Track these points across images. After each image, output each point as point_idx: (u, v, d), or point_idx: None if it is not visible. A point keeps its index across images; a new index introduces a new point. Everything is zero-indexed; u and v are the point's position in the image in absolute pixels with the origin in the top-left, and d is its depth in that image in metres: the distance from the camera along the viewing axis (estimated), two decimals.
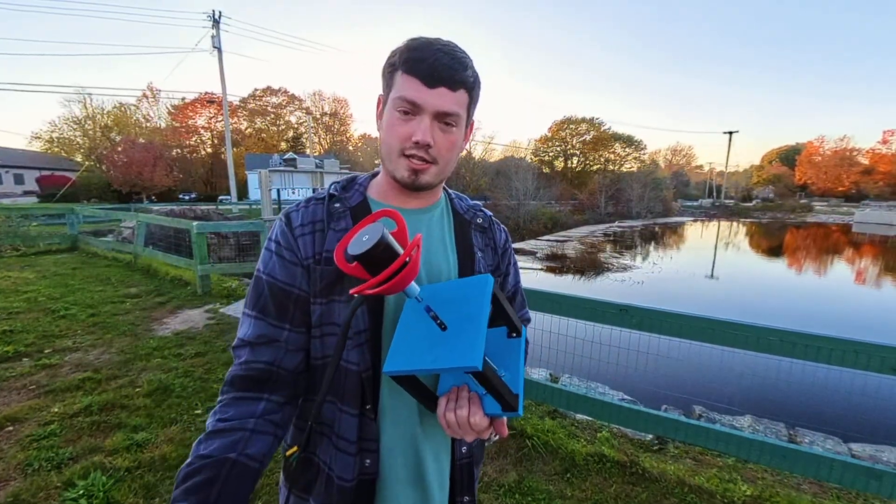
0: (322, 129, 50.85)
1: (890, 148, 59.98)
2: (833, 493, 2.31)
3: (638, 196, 36.75)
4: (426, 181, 0.76)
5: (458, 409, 0.67)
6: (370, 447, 0.76)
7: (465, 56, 0.73)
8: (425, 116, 0.71)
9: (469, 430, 0.67)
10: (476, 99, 0.78)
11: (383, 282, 0.61)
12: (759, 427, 3.02)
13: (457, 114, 0.72)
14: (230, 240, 9.97)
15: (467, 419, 0.67)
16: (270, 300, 0.76)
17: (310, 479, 0.80)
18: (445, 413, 0.68)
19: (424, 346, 0.63)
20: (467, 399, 0.68)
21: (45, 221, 12.63)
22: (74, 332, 4.41)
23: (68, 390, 3.16)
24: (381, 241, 0.60)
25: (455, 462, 0.83)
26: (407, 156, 0.73)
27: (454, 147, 0.76)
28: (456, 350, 0.60)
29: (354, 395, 0.75)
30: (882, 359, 1.79)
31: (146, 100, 41.57)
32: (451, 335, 0.62)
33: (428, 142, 0.71)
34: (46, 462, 2.35)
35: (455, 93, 0.71)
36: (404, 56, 0.70)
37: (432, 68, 0.69)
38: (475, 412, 0.67)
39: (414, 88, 0.70)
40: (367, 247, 0.59)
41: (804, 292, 10.79)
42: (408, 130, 0.71)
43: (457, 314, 0.65)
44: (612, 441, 2.68)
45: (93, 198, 29.02)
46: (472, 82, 0.74)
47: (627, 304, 2.26)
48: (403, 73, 0.71)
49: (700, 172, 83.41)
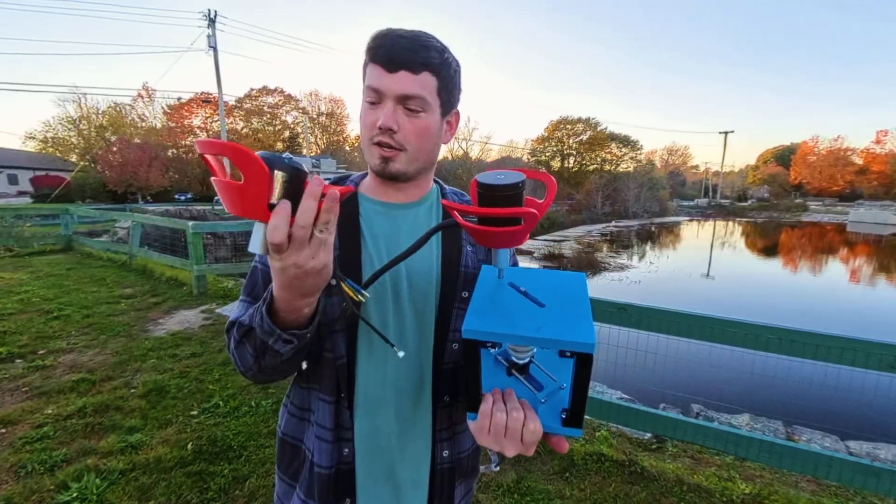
0: (318, 129, 50.67)
1: (883, 148, 60.44)
2: (831, 491, 2.31)
3: (634, 196, 36.87)
4: (397, 168, 0.75)
5: (513, 410, 0.58)
6: (346, 436, 0.76)
7: (429, 39, 0.71)
8: (388, 101, 0.70)
9: (517, 439, 0.57)
10: (450, 83, 0.75)
11: (506, 221, 0.55)
12: (757, 425, 3.03)
13: (420, 97, 0.70)
14: (226, 240, 9.91)
15: (522, 425, 0.57)
16: (263, 286, 0.77)
17: (297, 467, 0.81)
18: (495, 412, 0.58)
19: (518, 315, 0.55)
20: (519, 403, 0.59)
21: (39, 222, 12.53)
22: (69, 333, 4.37)
23: (62, 392, 3.13)
24: (524, 181, 0.55)
25: (434, 466, 0.81)
26: (376, 143, 0.73)
27: (425, 133, 0.74)
28: (567, 324, 0.52)
29: (330, 382, 0.76)
30: (880, 356, 1.79)
31: (141, 100, 41.35)
32: (553, 312, 0.55)
33: (390, 126, 0.70)
34: (39, 465, 2.32)
35: (417, 75, 0.70)
36: (369, 46, 0.71)
37: (391, 52, 0.68)
38: (533, 418, 0.58)
39: (377, 75, 0.70)
40: (504, 181, 0.54)
41: (800, 291, 10.84)
42: (373, 118, 0.71)
43: (553, 298, 0.58)
44: (610, 440, 2.67)
45: (88, 198, 28.81)
46: (439, 64, 0.71)
47: (626, 303, 2.26)
48: (369, 62, 0.71)
49: (696, 172, 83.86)
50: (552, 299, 0.58)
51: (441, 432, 0.81)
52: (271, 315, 0.61)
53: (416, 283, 0.78)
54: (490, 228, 0.56)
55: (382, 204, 0.81)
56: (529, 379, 0.63)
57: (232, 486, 2.24)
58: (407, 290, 0.78)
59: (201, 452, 2.49)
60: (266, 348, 0.64)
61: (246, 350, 0.68)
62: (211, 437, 2.63)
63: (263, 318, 0.61)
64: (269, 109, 48.47)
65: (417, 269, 0.79)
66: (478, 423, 0.60)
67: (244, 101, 47.74)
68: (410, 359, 0.78)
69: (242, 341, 0.68)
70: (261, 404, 3.03)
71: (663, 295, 9.76)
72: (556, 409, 0.60)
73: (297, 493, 0.80)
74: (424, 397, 0.79)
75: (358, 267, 0.76)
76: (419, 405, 0.79)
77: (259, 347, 0.65)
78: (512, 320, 0.54)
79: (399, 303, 0.77)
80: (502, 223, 0.56)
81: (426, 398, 0.80)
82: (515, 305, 0.57)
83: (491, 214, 0.55)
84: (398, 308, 0.77)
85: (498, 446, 0.59)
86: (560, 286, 0.62)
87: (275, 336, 0.62)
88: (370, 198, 0.82)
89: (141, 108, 41.79)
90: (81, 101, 36.53)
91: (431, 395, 0.80)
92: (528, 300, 0.58)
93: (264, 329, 0.61)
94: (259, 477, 2.31)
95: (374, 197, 0.82)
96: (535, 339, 0.52)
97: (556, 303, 0.57)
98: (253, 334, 0.65)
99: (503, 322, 0.54)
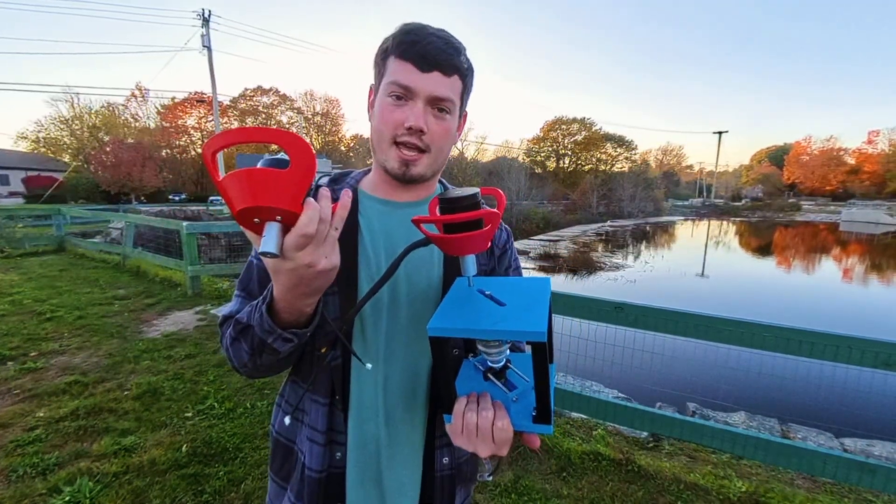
0: (314, 130, 50.52)
1: (875, 148, 61.12)
2: (826, 488, 2.33)
3: (629, 196, 37.07)
4: (418, 173, 0.74)
5: (483, 410, 0.59)
6: (339, 440, 0.75)
7: (459, 42, 0.72)
8: (419, 101, 0.69)
9: (489, 438, 0.59)
10: (470, 87, 0.76)
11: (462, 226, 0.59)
12: (753, 423, 3.04)
13: (451, 100, 0.71)
14: (221, 241, 9.86)
15: (491, 424, 0.58)
16: (257, 282, 0.77)
17: (288, 469, 0.80)
18: (465, 412, 0.60)
19: (481, 314, 0.59)
20: (491, 404, 0.61)
21: (31, 223, 12.38)
22: (61, 334, 4.32)
23: (54, 394, 3.09)
24: (478, 193, 0.60)
25: (435, 474, 0.79)
26: (398, 143, 0.71)
27: (448, 135, 0.74)
28: (520, 317, 0.56)
29: (324, 384, 0.75)
30: (874, 354, 1.80)
31: (135, 99, 41.07)
32: (511, 309, 0.59)
33: (421, 127, 0.69)
34: (31, 468, 2.29)
35: (449, 78, 0.70)
36: (398, 40, 0.69)
37: (426, 52, 0.67)
38: (502, 417, 0.59)
39: (407, 72, 0.68)
40: (465, 194, 0.58)
41: (794, 290, 10.92)
42: (400, 116, 0.69)
43: (514, 299, 0.62)
44: (607, 439, 2.68)
45: (80, 199, 28.57)
46: (466, 69, 0.72)
47: (623, 302, 2.26)
48: (396, 57, 0.69)
49: (690, 172, 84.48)
50: (514, 300, 0.61)
51: (441, 439, 0.80)
52: (271, 314, 0.61)
53: (416, 287, 0.77)
54: (455, 236, 0.60)
55: (383, 202, 0.80)
56: (505, 382, 0.67)
57: (227, 488, 2.23)
58: (406, 294, 0.77)
59: (196, 454, 2.47)
60: (264, 346, 0.63)
61: (241, 347, 0.67)
62: (206, 438, 2.61)
63: (263, 317, 0.60)
64: (263, 109, 48.29)
65: (417, 273, 0.78)
66: (452, 425, 0.61)
67: (239, 101, 47.53)
68: (404, 364, 0.77)
69: (238, 338, 0.67)
70: (256, 406, 3.01)
71: (659, 294, 9.80)
72: (528, 409, 0.63)
73: (287, 496, 0.79)
74: (417, 404, 0.78)
75: (354, 264, 0.75)
76: (411, 412, 0.78)
77: (257, 345, 0.64)
78: (473, 318, 0.58)
79: (396, 307, 0.76)
80: (465, 229, 0.59)
81: (419, 405, 0.78)
82: (478, 307, 0.61)
83: (454, 220, 0.59)
84: (394, 313, 0.76)
85: (471, 446, 0.61)
86: (524, 290, 0.65)
87: (275, 335, 0.61)
88: (371, 195, 0.81)
89: (134, 108, 41.55)
90: (74, 100, 36.29)
91: (428, 402, 0.78)
92: (492, 301, 0.62)
93: (264, 328, 0.61)
94: (255, 479, 2.29)
95: (375, 195, 0.80)
96: (491, 331, 0.55)
97: (516, 302, 0.61)
98: (250, 332, 0.64)
99: (464, 319, 0.58)
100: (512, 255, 0.90)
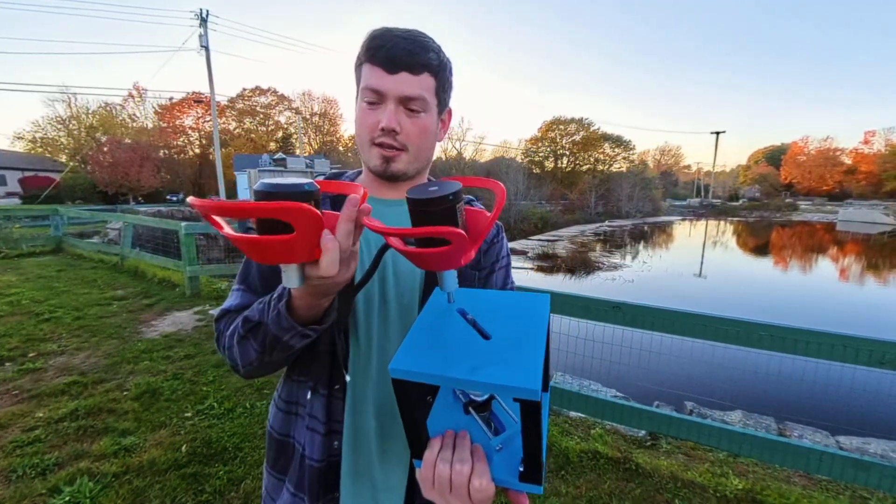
0: (312, 130, 50.47)
1: (871, 148, 61.34)
2: (822, 485, 2.35)
3: (627, 196, 37.13)
4: (398, 169, 0.76)
5: (458, 462, 0.49)
6: (337, 429, 0.76)
7: (427, 40, 0.73)
8: (389, 102, 0.71)
9: (465, 496, 0.49)
10: (445, 83, 0.77)
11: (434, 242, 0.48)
12: (750, 421, 3.06)
13: (421, 98, 0.72)
14: (219, 241, 9.85)
15: (467, 480, 0.48)
16: (257, 276, 0.79)
17: (284, 462, 0.82)
18: (437, 462, 0.50)
19: (456, 352, 0.48)
20: (470, 451, 0.50)
21: (29, 223, 12.36)
22: (59, 335, 4.31)
23: (53, 395, 3.09)
24: (458, 191, 0.49)
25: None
26: (377, 144, 0.74)
27: (425, 133, 0.75)
28: (507, 364, 0.45)
29: (324, 374, 0.77)
30: (870, 352, 1.82)
31: (132, 99, 40.95)
32: (497, 347, 0.48)
33: (393, 127, 0.71)
34: (31, 468, 2.29)
35: (418, 76, 0.71)
36: (366, 46, 0.71)
37: (391, 54, 0.69)
38: (481, 473, 0.49)
39: (377, 76, 0.70)
40: (435, 194, 0.48)
41: (791, 289, 10.97)
42: (374, 119, 0.72)
43: (503, 327, 0.51)
44: (605, 438, 2.69)
45: (78, 199, 28.46)
46: (437, 65, 0.73)
47: (620, 301, 2.27)
48: (366, 62, 0.71)
49: (688, 172, 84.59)
50: (503, 328, 0.51)
51: None
52: (290, 312, 0.61)
53: (403, 280, 0.79)
54: (419, 250, 0.50)
55: (374, 200, 0.82)
56: (489, 419, 0.56)
57: (227, 487, 2.23)
58: (393, 287, 0.78)
59: (196, 454, 2.47)
60: (278, 343, 0.64)
61: (250, 345, 0.67)
62: (205, 438, 2.61)
63: (282, 315, 0.61)
64: (261, 110, 48.23)
65: (403, 266, 0.80)
66: (422, 474, 0.52)
67: (237, 101, 47.44)
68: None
69: (247, 336, 0.67)
70: (255, 405, 3.01)
71: (656, 293, 9.83)
72: (515, 460, 0.51)
73: (286, 487, 0.80)
74: None
75: None
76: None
77: (269, 343, 0.64)
78: (446, 358, 0.47)
79: (385, 299, 0.78)
80: (431, 244, 0.49)
81: None
82: (456, 338, 0.51)
83: (409, 235, 0.49)
84: (384, 304, 0.78)
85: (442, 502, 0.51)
86: (516, 312, 0.55)
87: (293, 332, 0.62)
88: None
89: (132, 108, 41.42)
90: (71, 100, 36.13)
91: None
92: (474, 330, 0.51)
93: (282, 325, 0.61)
94: (254, 478, 2.29)
95: (369, 194, 0.82)
96: (468, 381, 0.44)
97: (506, 333, 0.50)
98: (262, 329, 0.64)
99: (435, 360, 0.47)
100: (501, 250, 0.88)
